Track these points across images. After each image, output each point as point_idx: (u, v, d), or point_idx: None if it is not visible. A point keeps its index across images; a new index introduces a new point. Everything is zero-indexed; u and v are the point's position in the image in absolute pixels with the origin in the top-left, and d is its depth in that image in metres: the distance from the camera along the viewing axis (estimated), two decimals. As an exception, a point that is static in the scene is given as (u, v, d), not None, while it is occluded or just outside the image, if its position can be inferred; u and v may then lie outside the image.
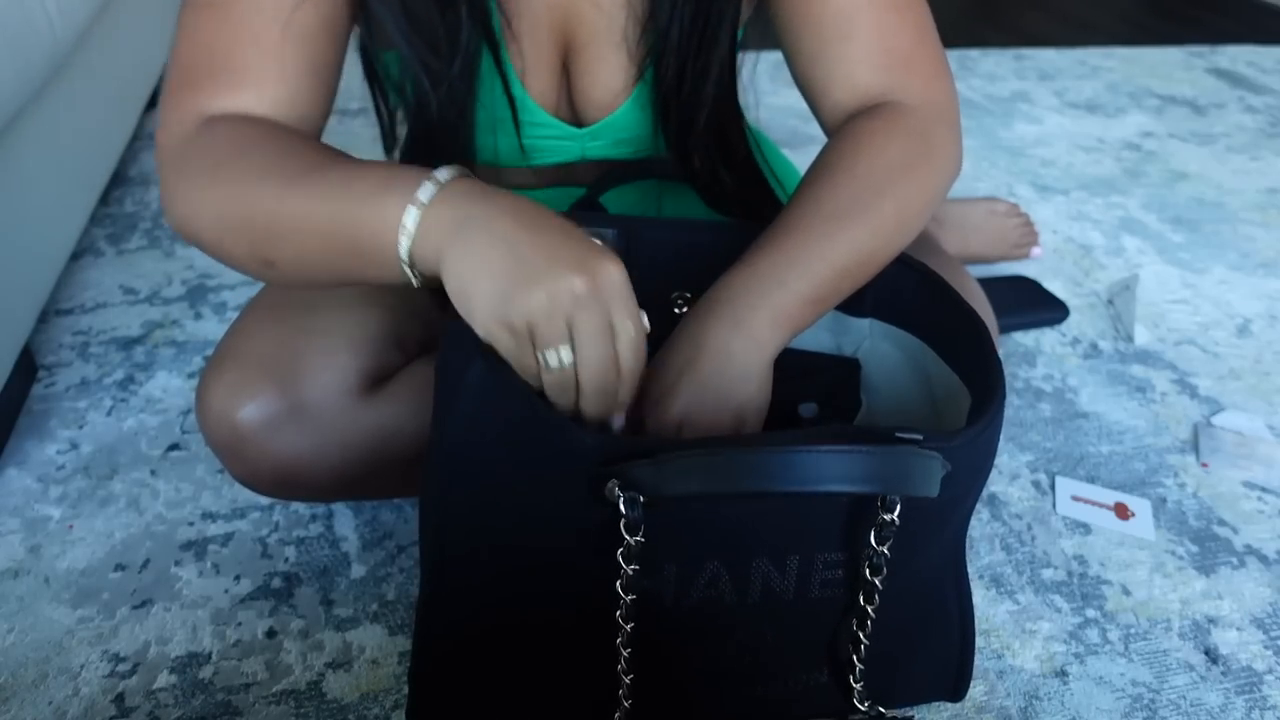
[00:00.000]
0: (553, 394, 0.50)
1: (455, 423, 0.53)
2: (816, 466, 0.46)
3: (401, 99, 0.67)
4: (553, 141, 0.73)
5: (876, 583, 0.55)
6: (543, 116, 0.71)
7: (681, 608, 0.55)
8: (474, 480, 0.54)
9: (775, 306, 0.56)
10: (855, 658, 0.58)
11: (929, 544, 0.58)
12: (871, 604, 0.56)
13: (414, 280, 0.52)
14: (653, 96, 0.71)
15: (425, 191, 0.50)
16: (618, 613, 0.53)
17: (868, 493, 0.48)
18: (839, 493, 0.48)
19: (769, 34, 0.71)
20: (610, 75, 0.70)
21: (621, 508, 0.49)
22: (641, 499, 0.49)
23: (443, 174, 0.51)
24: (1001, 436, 0.97)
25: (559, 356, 0.49)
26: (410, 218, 0.50)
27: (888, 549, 0.53)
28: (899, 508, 0.51)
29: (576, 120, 0.73)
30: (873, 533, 0.52)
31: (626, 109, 0.72)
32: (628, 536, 0.50)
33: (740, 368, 0.55)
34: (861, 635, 0.57)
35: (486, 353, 0.51)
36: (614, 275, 0.49)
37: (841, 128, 0.65)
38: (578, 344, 0.49)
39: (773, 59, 1.99)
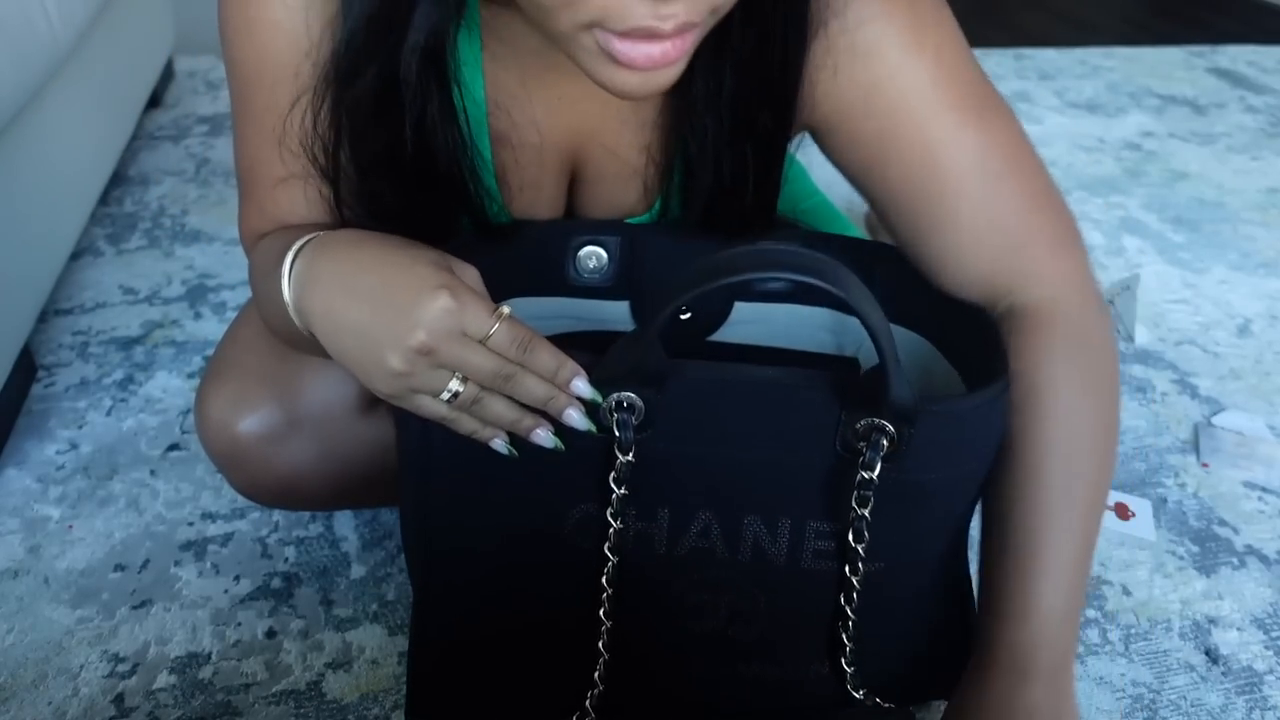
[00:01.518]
0: (474, 417, 0.50)
1: (414, 420, 0.53)
2: (773, 256, 0.47)
3: None
4: None
5: (860, 550, 0.55)
6: None
7: (673, 556, 0.56)
8: (452, 467, 0.54)
9: (1069, 642, 0.55)
10: (845, 636, 0.58)
11: (934, 529, 0.58)
12: (856, 575, 0.56)
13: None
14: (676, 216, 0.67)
15: (300, 241, 0.53)
16: (605, 545, 0.55)
17: (810, 283, 0.47)
18: (781, 279, 0.49)
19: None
20: (620, 202, 0.67)
21: (615, 430, 0.50)
22: (635, 419, 0.50)
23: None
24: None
25: (452, 390, 0.48)
26: (285, 263, 0.53)
27: (869, 513, 0.53)
28: (879, 467, 0.51)
29: None
30: (854, 494, 0.53)
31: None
32: (620, 456, 0.51)
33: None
34: (849, 610, 0.57)
35: None
36: (467, 280, 0.49)
37: (1023, 390, 0.57)
38: (458, 371, 0.48)
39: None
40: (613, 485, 0.53)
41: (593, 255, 0.66)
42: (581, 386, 0.50)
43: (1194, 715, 0.71)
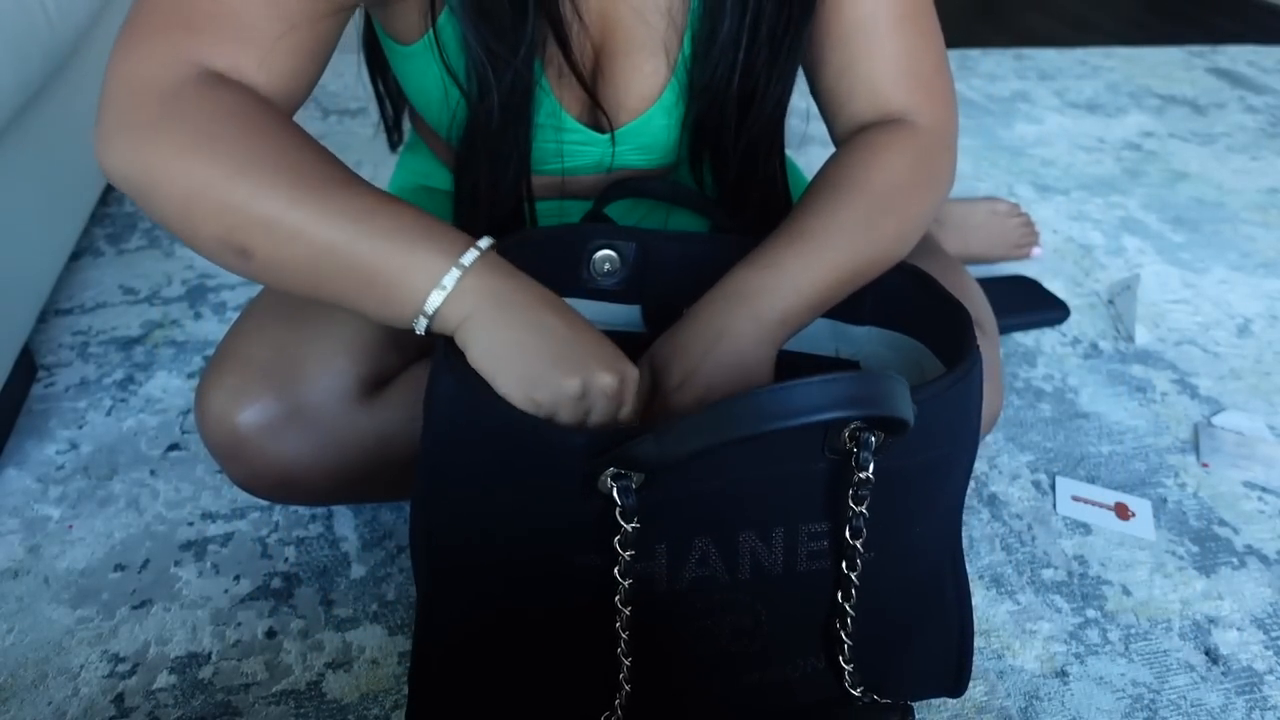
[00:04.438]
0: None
1: (431, 435, 0.54)
2: (805, 398, 0.47)
3: (463, 94, 0.66)
4: (574, 147, 0.73)
5: (858, 546, 0.55)
6: (569, 122, 0.71)
7: (675, 589, 0.56)
8: (459, 487, 0.54)
9: (788, 308, 0.60)
10: (843, 633, 0.58)
11: (914, 517, 0.58)
12: (854, 570, 0.56)
13: (418, 329, 0.54)
14: (684, 104, 0.71)
15: (469, 256, 0.53)
16: (616, 598, 0.54)
17: (856, 415, 0.48)
18: (830, 420, 0.48)
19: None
20: (642, 80, 0.70)
21: (615, 497, 0.49)
22: (634, 485, 0.50)
23: (483, 243, 0.54)
24: (1002, 436, 0.97)
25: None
26: (450, 278, 0.52)
27: (866, 510, 0.53)
28: (872, 465, 0.51)
29: (597, 126, 0.73)
30: (850, 493, 0.53)
31: (653, 114, 0.71)
32: (624, 524, 0.50)
33: (756, 356, 0.59)
34: (848, 607, 0.57)
35: (456, 365, 0.52)
36: (633, 378, 0.55)
37: (854, 138, 0.68)
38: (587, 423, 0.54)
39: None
40: (618, 548, 0.52)
41: (607, 259, 0.67)
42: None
43: (1194, 715, 0.71)
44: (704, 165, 0.74)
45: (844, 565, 0.56)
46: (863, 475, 0.52)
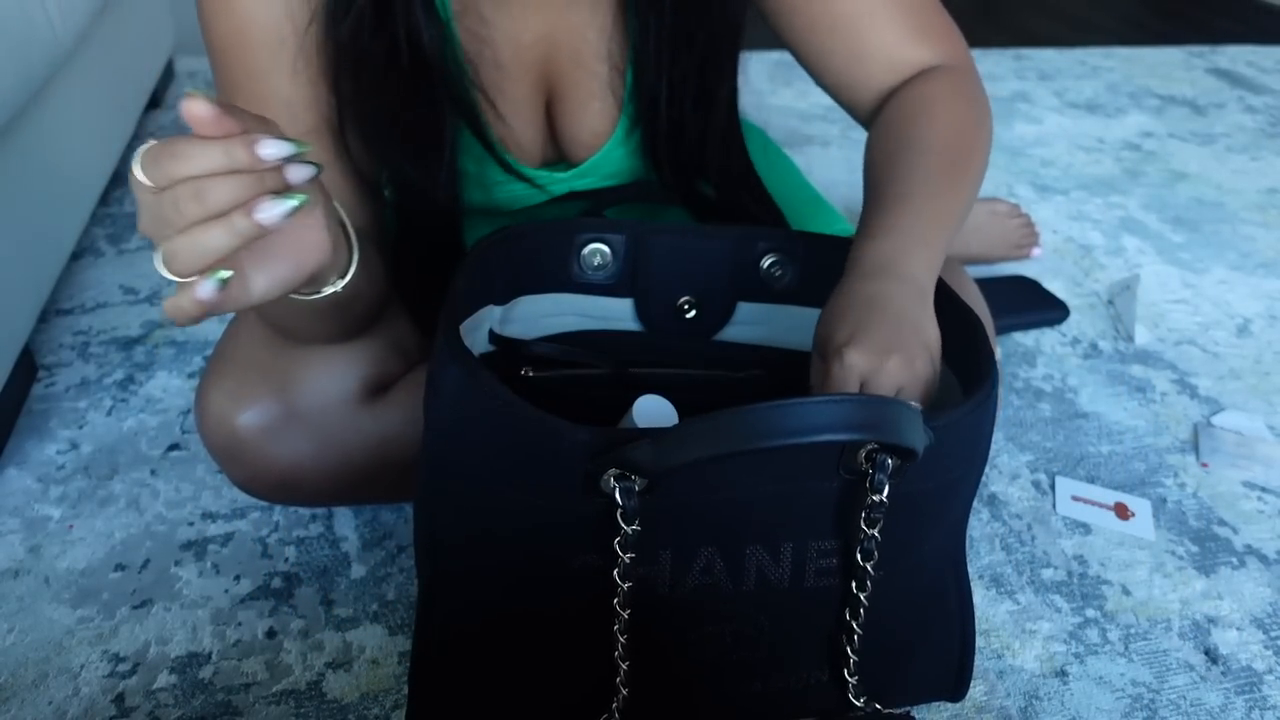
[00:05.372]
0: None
1: (435, 428, 0.54)
2: (807, 417, 0.46)
3: (392, 204, 0.69)
4: (545, 187, 0.73)
5: (868, 568, 0.54)
6: (529, 171, 0.71)
7: (677, 595, 0.55)
8: (462, 481, 0.54)
9: (923, 262, 0.60)
10: (849, 649, 0.58)
11: (924, 536, 0.58)
12: (864, 591, 0.56)
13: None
14: (640, 135, 0.72)
15: None
16: (615, 600, 0.54)
17: (857, 439, 0.48)
18: (830, 441, 0.47)
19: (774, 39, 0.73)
20: (593, 118, 0.71)
21: (617, 498, 0.49)
22: (637, 487, 0.49)
23: None
24: (1001, 436, 0.97)
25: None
26: None
27: (878, 532, 0.53)
28: (887, 489, 0.51)
29: (562, 158, 0.74)
30: (862, 515, 0.53)
31: (611, 147, 0.72)
32: (624, 526, 0.50)
33: (915, 313, 0.58)
34: (855, 625, 0.57)
35: (462, 360, 0.51)
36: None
37: (898, 96, 0.69)
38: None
39: (770, 59, 1.99)
40: (618, 550, 0.51)
41: (597, 253, 0.66)
42: (271, 150, 0.40)
43: (1193, 715, 0.71)
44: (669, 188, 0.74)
45: (853, 585, 0.56)
46: (876, 498, 0.51)
